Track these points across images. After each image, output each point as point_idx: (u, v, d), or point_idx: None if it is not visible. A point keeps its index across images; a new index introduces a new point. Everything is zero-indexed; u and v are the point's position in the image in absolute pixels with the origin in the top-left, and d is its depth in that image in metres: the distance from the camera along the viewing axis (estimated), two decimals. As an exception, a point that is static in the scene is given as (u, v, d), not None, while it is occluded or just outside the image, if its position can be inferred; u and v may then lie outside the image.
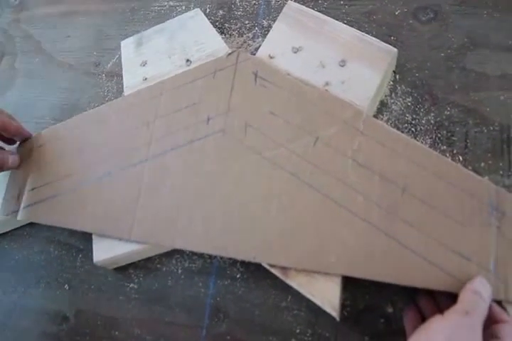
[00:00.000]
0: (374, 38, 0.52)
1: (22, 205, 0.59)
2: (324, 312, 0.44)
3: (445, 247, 0.42)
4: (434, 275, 0.42)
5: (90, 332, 0.55)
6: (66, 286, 0.58)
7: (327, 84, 0.51)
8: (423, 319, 0.44)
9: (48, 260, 0.61)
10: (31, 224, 0.63)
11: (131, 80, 0.61)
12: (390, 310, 0.46)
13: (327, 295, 0.44)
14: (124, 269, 0.57)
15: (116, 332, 0.55)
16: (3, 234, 0.65)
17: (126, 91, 0.61)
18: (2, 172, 0.62)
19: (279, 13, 0.62)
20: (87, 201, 0.56)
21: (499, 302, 0.41)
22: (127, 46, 0.64)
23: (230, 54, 0.56)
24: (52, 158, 0.60)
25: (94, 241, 0.55)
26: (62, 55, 0.73)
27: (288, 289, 0.46)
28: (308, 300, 0.45)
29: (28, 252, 0.62)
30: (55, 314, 0.58)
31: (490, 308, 0.39)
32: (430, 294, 0.44)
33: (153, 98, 0.57)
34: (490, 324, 0.39)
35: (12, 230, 0.64)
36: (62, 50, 0.74)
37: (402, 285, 0.43)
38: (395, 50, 0.51)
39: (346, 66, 0.52)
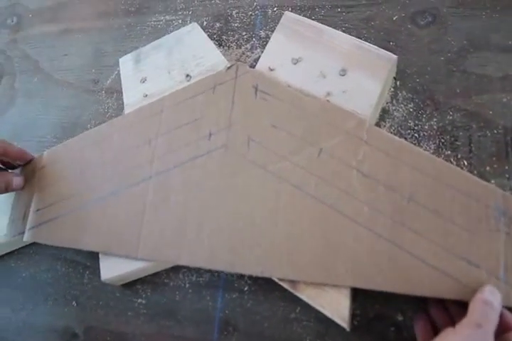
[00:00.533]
0: (373, 46, 0.52)
1: (28, 226, 0.59)
2: (334, 322, 0.44)
3: (453, 255, 0.42)
4: (444, 284, 0.41)
5: (99, 348, 0.56)
6: (74, 303, 0.58)
7: (328, 94, 0.51)
8: (434, 327, 0.43)
9: (55, 277, 0.61)
10: (37, 242, 0.63)
11: (132, 98, 0.61)
12: (400, 318, 0.46)
13: (337, 307, 0.44)
14: (132, 285, 0.57)
15: (126, 348, 0.55)
16: (10, 252, 0.65)
17: (127, 109, 0.61)
18: (7, 194, 0.63)
19: (277, 23, 0.62)
20: (92, 221, 0.56)
21: (510, 309, 0.40)
22: (126, 63, 0.64)
23: (229, 67, 0.56)
24: (55, 178, 0.60)
25: (100, 259, 0.55)
26: (61, 73, 0.73)
27: (297, 300, 0.46)
28: (317, 311, 0.45)
29: (34, 270, 0.62)
30: (64, 331, 0.58)
31: (501, 316, 0.39)
32: (440, 302, 0.44)
33: (154, 115, 0.57)
34: (501, 332, 0.39)
35: (18, 248, 0.64)
36: (60, 69, 0.74)
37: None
38: (395, 56, 0.51)
39: (347, 75, 0.51)
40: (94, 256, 0.56)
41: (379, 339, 0.46)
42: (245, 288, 0.51)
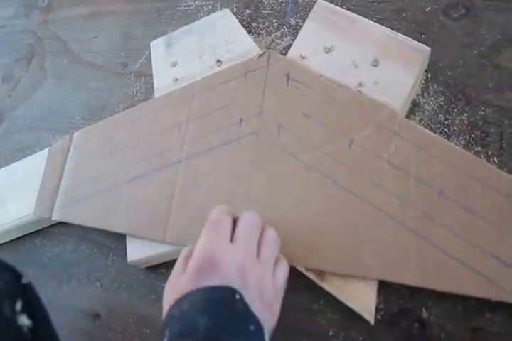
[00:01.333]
0: (406, 37, 0.51)
1: (56, 206, 0.59)
2: (357, 315, 0.44)
3: (483, 252, 0.41)
4: (472, 281, 0.41)
5: (122, 330, 0.55)
6: (98, 284, 0.58)
7: (360, 84, 0.50)
8: None
9: (79, 258, 0.61)
10: (63, 222, 0.62)
11: (162, 82, 0.61)
12: (424, 315, 0.44)
13: (363, 300, 0.43)
14: (156, 268, 0.56)
15: (148, 330, 0.54)
16: (36, 231, 0.65)
17: (157, 93, 0.60)
18: (35, 172, 0.63)
19: (307, 11, 0.61)
20: (120, 202, 0.55)
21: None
22: (156, 47, 0.64)
23: (261, 55, 0.55)
24: (85, 159, 0.60)
25: (127, 241, 0.55)
26: (90, 55, 0.73)
27: (320, 291, 0.45)
28: (341, 303, 0.44)
29: (60, 250, 0.63)
30: (88, 311, 0.58)
31: None
32: None
33: (185, 100, 0.57)
34: None
35: (44, 228, 0.65)
36: (89, 51, 0.73)
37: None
38: (428, 48, 0.50)
39: (379, 66, 0.51)
40: (119, 238, 0.57)
41: (403, 335, 0.45)
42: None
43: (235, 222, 0.43)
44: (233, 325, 0.36)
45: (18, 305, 0.39)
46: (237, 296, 0.37)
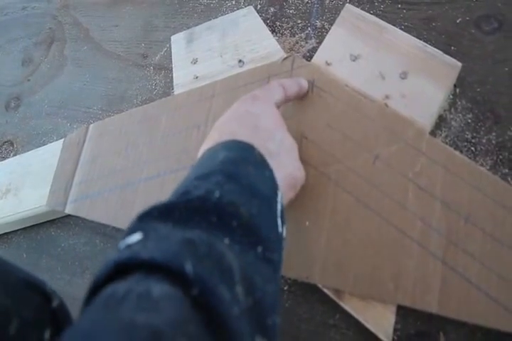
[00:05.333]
0: (437, 50, 0.45)
1: (69, 199, 0.55)
2: (373, 334, 0.40)
3: (509, 284, 0.37)
4: (495, 313, 0.36)
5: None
6: (111, 280, 0.54)
7: (387, 97, 0.45)
8: None
9: (93, 251, 0.57)
10: (78, 214, 0.58)
11: (182, 78, 0.55)
12: (441, 339, 0.40)
13: (381, 322, 0.39)
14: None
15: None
16: (51, 220, 0.60)
17: (177, 89, 0.55)
18: (50, 163, 0.58)
19: (333, 14, 0.56)
20: (134, 201, 0.51)
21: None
22: (178, 42, 0.58)
23: (285, 59, 0.50)
24: (100, 152, 0.55)
25: (141, 241, 0.50)
26: (110, 44, 0.67)
27: (337, 306, 0.42)
28: (357, 320, 0.40)
29: (74, 242, 0.58)
30: (100, 306, 0.54)
31: None
32: None
33: (205, 100, 0.51)
34: None
35: (59, 217, 0.60)
36: (110, 40, 0.67)
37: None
38: (460, 64, 0.45)
39: (407, 79, 0.45)
40: (133, 234, 0.52)
41: (418, 358, 0.41)
42: (285, 287, 0.46)
43: None
44: (251, 161, 0.35)
45: (47, 334, 0.34)
46: (256, 151, 0.36)
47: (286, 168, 0.38)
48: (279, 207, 0.34)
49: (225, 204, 0.30)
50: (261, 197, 0.33)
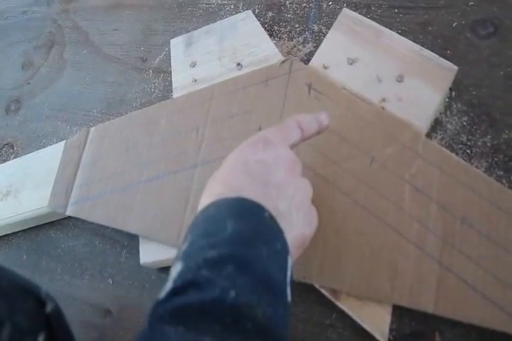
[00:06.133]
0: (433, 53, 0.46)
1: (70, 201, 0.55)
2: (369, 333, 0.40)
3: (504, 285, 0.37)
4: (491, 313, 0.37)
5: (133, 328, 0.51)
6: (110, 281, 0.54)
7: (383, 100, 0.45)
8: None
9: (92, 253, 0.56)
10: (78, 216, 0.58)
11: (181, 81, 0.55)
12: (437, 339, 0.40)
13: (377, 322, 0.39)
14: (168, 269, 0.52)
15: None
16: (50, 222, 0.60)
17: (176, 92, 0.55)
18: (50, 165, 0.58)
19: (330, 18, 0.56)
20: (135, 203, 0.51)
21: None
22: (176, 45, 0.58)
23: (282, 62, 0.50)
24: (100, 155, 0.55)
25: (141, 243, 0.51)
26: (110, 48, 0.67)
27: (333, 306, 0.42)
28: (354, 320, 0.40)
29: (73, 243, 0.58)
30: (99, 306, 0.54)
31: None
32: None
33: (203, 102, 0.52)
34: None
35: (59, 219, 0.60)
36: (109, 43, 0.67)
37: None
38: (456, 67, 0.45)
39: (404, 82, 0.46)
40: (132, 236, 0.52)
41: (414, 358, 0.41)
42: (282, 288, 0.46)
43: None
44: (262, 232, 0.32)
45: (41, 339, 0.34)
46: (266, 213, 0.33)
47: (296, 228, 0.35)
48: (288, 274, 0.32)
49: (241, 306, 0.28)
50: (275, 288, 0.31)
